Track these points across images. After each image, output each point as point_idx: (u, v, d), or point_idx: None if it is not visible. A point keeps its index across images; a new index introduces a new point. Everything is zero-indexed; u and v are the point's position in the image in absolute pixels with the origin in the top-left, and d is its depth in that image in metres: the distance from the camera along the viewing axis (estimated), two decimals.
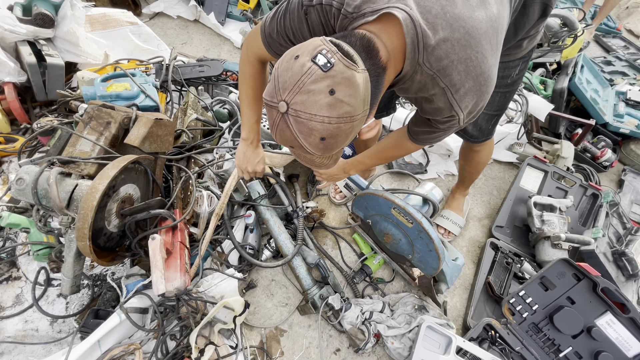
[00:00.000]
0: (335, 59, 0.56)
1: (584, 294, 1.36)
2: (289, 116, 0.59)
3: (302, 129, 0.60)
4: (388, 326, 1.37)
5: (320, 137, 0.60)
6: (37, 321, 1.26)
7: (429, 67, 0.66)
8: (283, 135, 0.63)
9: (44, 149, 1.55)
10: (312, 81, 0.56)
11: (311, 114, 0.58)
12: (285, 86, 0.58)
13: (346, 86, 0.57)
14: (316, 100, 0.57)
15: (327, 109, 0.57)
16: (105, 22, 1.93)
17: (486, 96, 0.72)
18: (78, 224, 1.02)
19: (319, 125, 0.58)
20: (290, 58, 0.59)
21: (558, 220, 1.63)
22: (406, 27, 0.63)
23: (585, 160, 2.14)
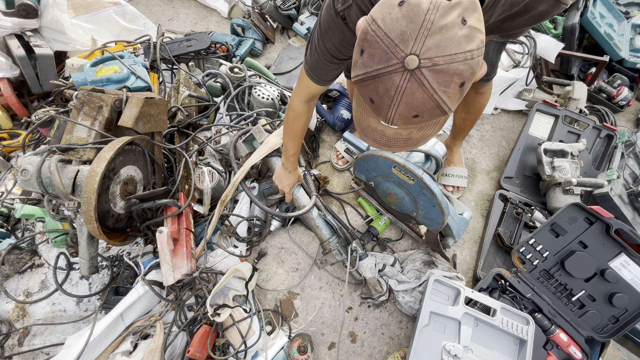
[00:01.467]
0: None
1: (597, 237, 1.33)
2: (422, 70, 0.48)
3: (441, 78, 0.49)
4: (398, 281, 1.40)
5: (461, 81, 0.51)
6: (64, 302, 1.34)
7: None
8: (411, 102, 0.52)
9: (47, 139, 1.58)
10: (440, 15, 0.47)
11: (452, 55, 0.48)
12: (406, 36, 0.48)
13: (473, 10, 0.50)
14: (452, 36, 0.48)
15: (466, 41, 0.49)
16: (87, 6, 1.88)
17: None
18: (83, 208, 1.05)
19: (462, 65, 0.49)
20: (392, 8, 0.50)
21: (570, 166, 1.57)
22: None
23: (600, 101, 2.03)
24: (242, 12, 2.12)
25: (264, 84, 1.66)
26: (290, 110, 1.12)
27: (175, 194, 1.40)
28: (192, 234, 1.35)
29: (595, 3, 2.12)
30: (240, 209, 1.50)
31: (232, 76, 1.66)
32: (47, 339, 1.29)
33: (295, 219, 1.59)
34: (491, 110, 1.95)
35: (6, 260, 1.34)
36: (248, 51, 1.98)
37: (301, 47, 2.07)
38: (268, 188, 1.59)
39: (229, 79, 1.65)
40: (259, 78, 1.74)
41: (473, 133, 1.92)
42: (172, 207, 1.32)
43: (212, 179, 1.47)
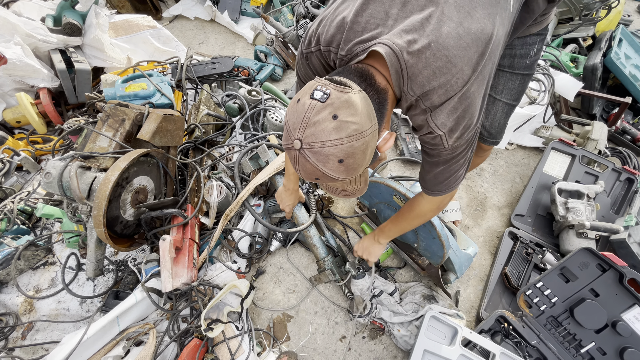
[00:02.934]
0: (329, 89, 0.63)
1: (609, 285, 1.25)
2: (304, 150, 0.64)
3: (319, 157, 0.64)
4: (394, 312, 1.36)
5: (337, 159, 0.64)
6: (69, 301, 1.40)
7: (412, 93, 0.71)
8: (305, 169, 0.67)
9: (75, 146, 1.71)
10: (315, 113, 0.62)
11: (323, 141, 0.63)
12: (294, 127, 0.64)
13: (346, 108, 0.62)
14: (323, 128, 0.62)
15: (335, 131, 0.62)
16: (127, 28, 2.06)
17: (468, 117, 0.74)
18: (94, 212, 1.11)
19: (333, 149, 0.63)
20: (294, 103, 0.66)
21: (585, 208, 1.51)
22: (389, 61, 0.68)
23: (624, 143, 1.95)
24: (265, 39, 2.25)
25: (278, 108, 1.73)
26: None
27: (184, 205, 1.46)
28: (196, 244, 1.39)
29: (621, 44, 2.09)
30: (244, 225, 1.53)
31: (249, 98, 1.74)
32: (49, 335, 1.34)
33: (295, 240, 1.60)
34: (505, 146, 1.92)
35: (22, 255, 1.43)
36: (268, 76, 2.08)
37: None
38: (273, 206, 1.62)
39: (246, 101, 1.74)
40: (274, 101, 1.82)
41: (486, 167, 1.89)
42: (178, 217, 1.37)
43: (220, 193, 1.52)
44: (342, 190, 0.79)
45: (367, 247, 1.31)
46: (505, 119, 1.17)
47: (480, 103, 0.76)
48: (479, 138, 1.27)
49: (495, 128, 1.19)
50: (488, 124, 1.18)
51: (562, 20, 2.16)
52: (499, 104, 1.12)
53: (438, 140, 0.76)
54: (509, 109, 1.15)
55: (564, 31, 2.12)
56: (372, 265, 1.39)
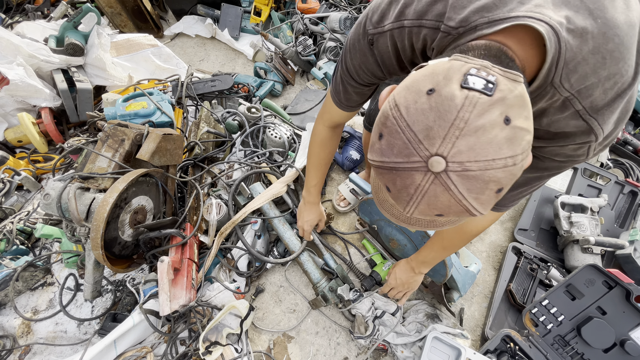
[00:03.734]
0: (494, 74, 0.42)
1: (617, 303, 1.22)
2: (449, 174, 0.41)
3: (473, 186, 0.42)
4: (397, 333, 1.33)
5: (497, 188, 0.43)
6: (67, 323, 1.38)
7: (567, 87, 0.50)
8: (433, 204, 0.44)
9: (75, 165, 1.71)
10: (478, 114, 0.40)
11: (487, 161, 0.41)
12: (432, 133, 0.41)
13: (520, 107, 0.42)
14: (490, 138, 0.40)
15: (508, 145, 0.41)
16: (129, 47, 2.09)
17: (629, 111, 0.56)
18: (92, 234, 1.11)
19: (500, 173, 0.42)
20: (419, 95, 0.43)
21: (589, 222, 1.49)
22: (549, 43, 0.47)
23: (626, 154, 1.94)
24: (265, 56, 2.28)
25: (278, 124, 1.74)
26: (314, 135, 1.05)
27: (183, 224, 1.45)
28: (195, 264, 1.37)
29: None
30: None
31: (248, 115, 1.75)
32: (46, 358, 1.31)
33: None
34: None
35: (20, 276, 1.42)
36: (267, 92, 2.09)
37: (318, 90, 2.17)
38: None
39: (246, 118, 1.75)
40: (274, 118, 1.83)
41: None
42: (177, 236, 1.36)
43: (219, 211, 1.51)
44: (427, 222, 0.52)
45: (406, 281, 1.15)
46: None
47: None
48: None
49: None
50: None
51: None
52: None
53: (585, 149, 0.56)
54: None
55: None
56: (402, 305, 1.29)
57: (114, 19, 2.44)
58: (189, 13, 2.60)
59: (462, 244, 0.96)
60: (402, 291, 1.20)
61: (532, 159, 0.55)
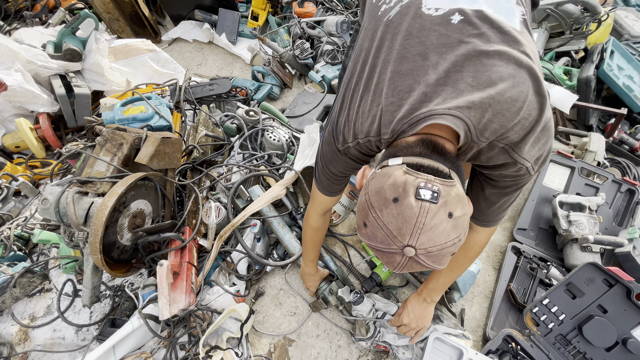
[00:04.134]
0: (436, 185, 0.59)
1: (617, 301, 1.22)
2: (419, 256, 0.60)
3: (436, 259, 0.61)
4: (398, 334, 1.32)
5: (451, 253, 0.63)
6: (64, 330, 1.36)
7: (485, 139, 0.66)
8: (412, 268, 0.64)
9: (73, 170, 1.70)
10: (431, 217, 0.58)
11: (442, 244, 0.59)
12: (402, 232, 0.59)
13: (456, 202, 0.60)
14: (441, 231, 0.59)
15: (454, 230, 0.60)
16: (126, 52, 2.10)
17: (551, 139, 0.71)
18: (90, 239, 1.10)
19: (452, 248, 0.61)
20: (388, 203, 0.60)
21: (587, 221, 1.49)
22: (456, 127, 0.63)
23: (622, 153, 1.95)
24: (263, 60, 2.29)
25: (276, 127, 1.74)
26: (308, 225, 1.19)
27: (182, 227, 1.45)
28: (194, 267, 1.36)
29: (613, 55, 2.12)
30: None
31: (247, 119, 1.75)
32: None
33: None
34: None
35: (18, 283, 1.40)
36: (265, 96, 2.10)
37: (315, 92, 2.18)
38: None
39: (244, 121, 1.75)
40: (272, 121, 1.83)
41: None
42: (176, 240, 1.36)
43: (218, 215, 1.50)
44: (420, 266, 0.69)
45: (419, 315, 1.18)
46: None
47: None
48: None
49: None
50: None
51: (553, 35, 2.19)
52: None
53: (524, 171, 0.71)
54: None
55: (556, 45, 2.15)
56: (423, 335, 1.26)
57: (111, 25, 2.45)
58: (187, 18, 2.62)
59: (468, 263, 1.09)
60: (415, 328, 1.21)
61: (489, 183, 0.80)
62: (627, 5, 3.02)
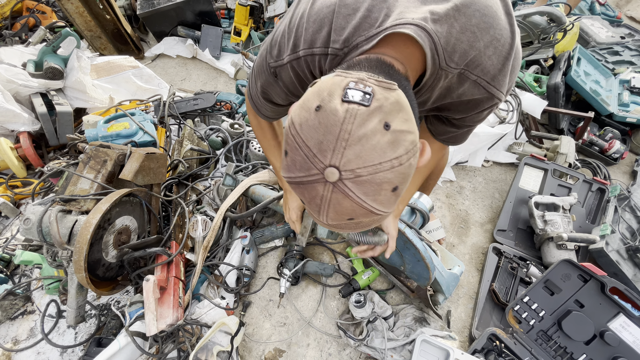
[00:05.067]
0: (370, 85, 0.46)
1: (593, 296, 1.28)
2: (344, 182, 0.45)
3: (368, 189, 0.46)
4: (387, 338, 1.35)
5: (392, 187, 0.47)
6: (49, 352, 1.33)
7: (454, 65, 0.57)
8: (340, 210, 0.48)
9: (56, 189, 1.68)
10: (360, 124, 0.44)
11: (374, 166, 0.45)
12: (323, 147, 0.45)
13: (397, 111, 0.46)
14: (374, 145, 0.44)
15: (391, 147, 0.45)
16: (109, 69, 2.10)
17: (518, 65, 0.65)
18: (75, 257, 1.09)
19: (389, 174, 0.46)
20: (309, 113, 0.47)
21: (561, 220, 1.56)
22: (421, 39, 0.53)
23: (593, 154, 2.06)
24: (246, 74, 2.33)
25: None
26: (257, 129, 1.01)
27: (168, 242, 1.45)
28: (182, 282, 1.36)
29: (580, 62, 2.24)
30: (231, 258, 1.52)
31: (232, 131, 1.78)
32: None
33: (302, 274, 1.57)
34: (481, 163, 1.99)
35: (0, 306, 1.37)
36: None
37: None
38: (260, 237, 1.62)
39: (229, 134, 1.77)
40: None
41: (465, 185, 1.95)
42: (162, 255, 1.35)
43: (205, 228, 1.51)
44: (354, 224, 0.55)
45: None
46: None
47: None
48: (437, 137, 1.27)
49: None
50: None
51: (523, 44, 2.31)
52: None
53: (496, 106, 0.65)
54: None
55: (526, 54, 2.27)
56: None
57: (93, 42, 2.45)
58: (170, 34, 2.65)
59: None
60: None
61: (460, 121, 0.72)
62: (593, 14, 3.22)
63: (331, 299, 1.54)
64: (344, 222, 0.51)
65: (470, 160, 1.98)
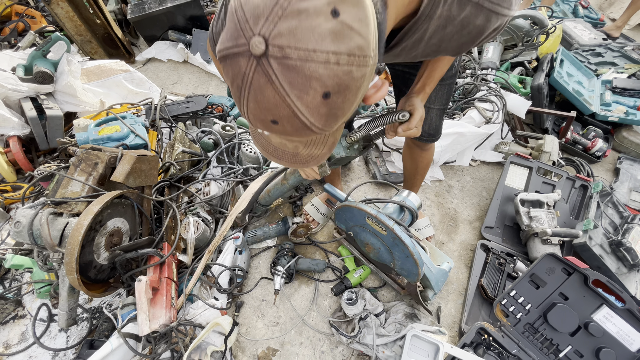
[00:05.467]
0: None
1: (576, 288, 1.32)
2: (270, 60, 0.39)
3: (294, 78, 0.39)
4: (378, 335, 1.37)
5: (323, 91, 0.41)
6: (41, 356, 1.33)
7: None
8: (261, 100, 0.42)
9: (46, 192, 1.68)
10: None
11: (308, 50, 0.38)
12: (257, 12, 0.39)
13: (354, 5, 0.39)
14: (312, 25, 0.38)
15: (332, 39, 0.39)
16: (100, 73, 2.11)
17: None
18: (66, 259, 1.10)
19: (322, 68, 0.39)
20: None
21: (546, 216, 1.61)
22: None
23: (576, 153, 2.12)
24: None
25: (252, 140, 1.79)
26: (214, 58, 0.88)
27: (160, 243, 1.45)
28: (174, 283, 1.37)
29: (562, 64, 2.31)
30: (224, 259, 1.53)
31: (223, 134, 1.80)
32: None
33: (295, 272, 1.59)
34: (469, 162, 2.04)
35: None
36: None
37: None
38: (252, 237, 1.64)
39: (221, 136, 1.79)
40: (248, 135, 1.88)
41: (454, 184, 1.99)
42: (154, 256, 1.36)
43: (197, 229, 1.52)
44: (291, 155, 0.54)
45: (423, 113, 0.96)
46: (440, 120, 1.29)
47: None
48: (430, 139, 1.32)
49: (434, 129, 1.30)
50: (427, 127, 1.29)
51: (507, 47, 2.38)
52: (433, 111, 1.24)
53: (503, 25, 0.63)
54: (441, 112, 1.27)
55: (510, 56, 2.33)
56: None
57: (84, 47, 2.46)
58: (161, 39, 2.66)
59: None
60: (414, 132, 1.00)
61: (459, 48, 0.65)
62: (576, 16, 3.32)
63: (323, 297, 1.55)
64: (268, 123, 0.45)
65: (458, 159, 2.03)
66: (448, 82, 1.17)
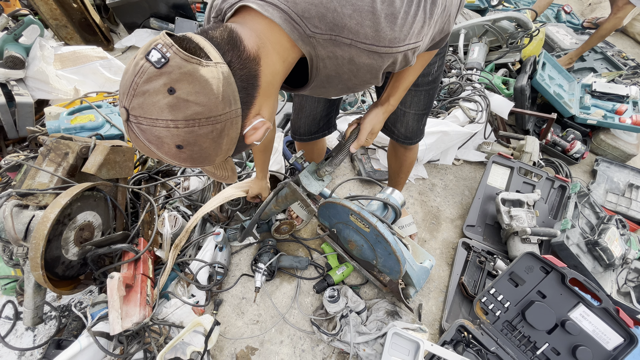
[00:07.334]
0: (170, 52, 0.49)
1: (554, 286, 1.34)
2: (132, 124, 0.52)
3: (149, 137, 0.53)
4: (359, 332, 1.36)
5: (175, 144, 0.53)
6: (6, 355, 1.26)
7: (320, 30, 0.59)
8: (138, 145, 0.56)
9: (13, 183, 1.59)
10: (145, 80, 0.49)
11: (152, 119, 0.51)
12: (123, 90, 0.52)
13: (189, 82, 0.50)
14: (154, 102, 0.50)
15: (169, 110, 0.50)
16: (75, 59, 2.01)
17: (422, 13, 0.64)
18: (31, 254, 1.03)
19: (165, 132, 0.52)
20: (132, 59, 0.53)
21: (526, 215, 1.63)
22: (264, 10, 0.58)
23: (555, 154, 2.16)
24: None
25: None
26: None
27: (135, 239, 1.40)
28: (150, 279, 1.31)
29: (545, 67, 2.36)
30: (203, 255, 1.49)
31: None
32: None
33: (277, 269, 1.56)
34: (452, 161, 2.05)
35: None
36: None
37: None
38: (233, 233, 1.60)
39: None
40: None
41: (437, 182, 2.00)
42: (129, 252, 1.30)
43: (174, 224, 1.47)
44: (211, 172, 0.68)
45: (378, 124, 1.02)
46: (417, 124, 1.28)
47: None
48: (407, 141, 1.34)
49: (410, 133, 1.30)
50: (403, 130, 1.29)
51: (492, 48, 2.41)
52: (409, 115, 1.24)
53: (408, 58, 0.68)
54: (420, 117, 1.26)
55: (495, 57, 2.36)
56: None
57: (59, 31, 2.34)
58: (142, 26, 2.56)
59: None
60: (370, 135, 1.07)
61: None
62: (559, 21, 3.40)
63: (305, 295, 1.53)
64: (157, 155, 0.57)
65: (441, 158, 2.04)
66: (425, 88, 1.16)
